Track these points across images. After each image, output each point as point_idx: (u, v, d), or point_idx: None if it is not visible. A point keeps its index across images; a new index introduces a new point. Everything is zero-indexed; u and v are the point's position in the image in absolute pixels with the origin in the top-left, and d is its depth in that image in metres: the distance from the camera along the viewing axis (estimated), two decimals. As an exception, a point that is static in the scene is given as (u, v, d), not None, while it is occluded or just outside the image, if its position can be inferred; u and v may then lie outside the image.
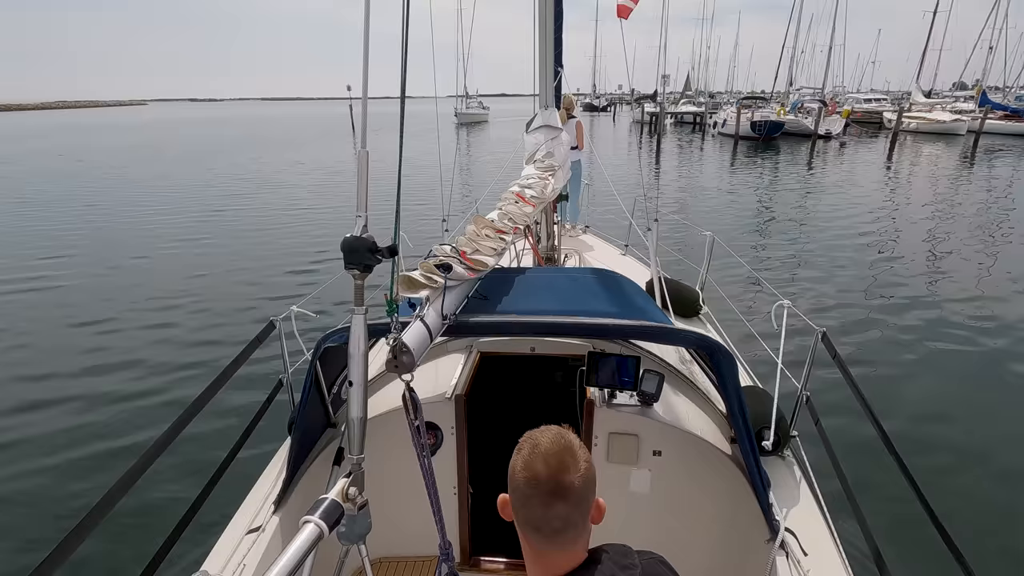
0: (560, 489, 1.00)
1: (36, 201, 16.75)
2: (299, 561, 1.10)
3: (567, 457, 1.02)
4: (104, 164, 26.70)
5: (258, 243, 11.55)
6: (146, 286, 8.94)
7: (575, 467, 1.01)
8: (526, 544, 1.07)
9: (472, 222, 2.45)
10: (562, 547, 1.03)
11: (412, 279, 1.82)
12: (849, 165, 23.30)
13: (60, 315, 7.82)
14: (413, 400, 1.57)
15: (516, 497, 1.05)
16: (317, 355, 2.08)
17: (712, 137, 37.67)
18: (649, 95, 55.39)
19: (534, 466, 1.02)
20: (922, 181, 19.25)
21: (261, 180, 20.47)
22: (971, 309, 7.48)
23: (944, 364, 6.06)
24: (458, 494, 2.60)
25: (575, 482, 1.00)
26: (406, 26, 1.45)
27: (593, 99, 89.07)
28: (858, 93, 63.13)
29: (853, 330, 6.86)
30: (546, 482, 1.00)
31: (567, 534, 1.02)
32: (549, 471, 1.00)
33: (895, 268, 9.32)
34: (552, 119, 3.82)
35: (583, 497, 1.02)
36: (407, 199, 14.99)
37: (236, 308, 7.98)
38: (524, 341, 2.75)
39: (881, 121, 41.49)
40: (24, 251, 11.07)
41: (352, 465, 1.37)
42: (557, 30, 3.76)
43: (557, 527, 1.01)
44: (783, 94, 46.36)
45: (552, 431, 1.05)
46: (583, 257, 5.08)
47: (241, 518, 2.13)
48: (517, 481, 1.04)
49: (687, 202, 15.35)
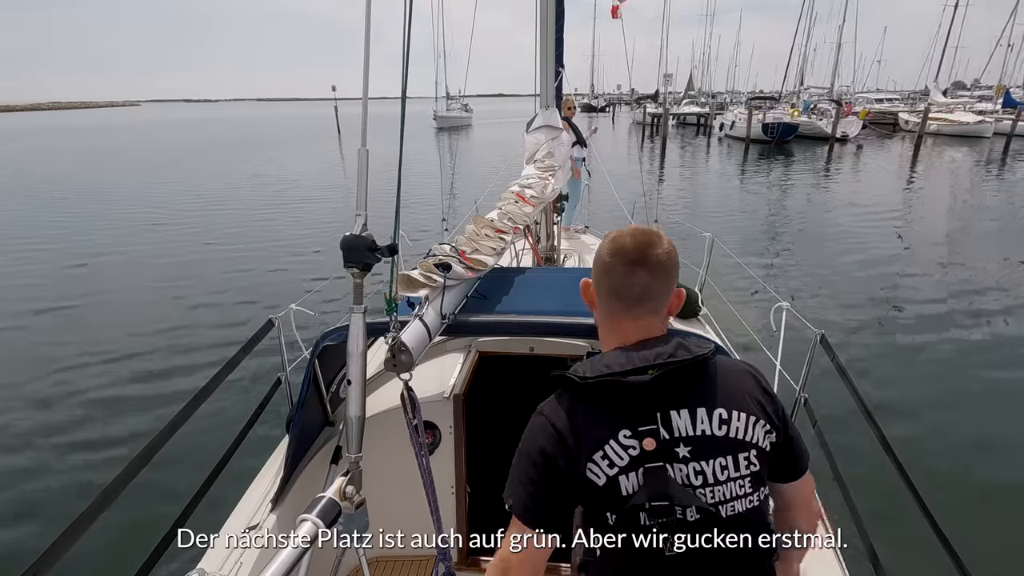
0: (644, 258, 1.06)
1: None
2: (296, 559, 1.10)
3: (653, 236, 1.09)
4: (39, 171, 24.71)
5: (254, 244, 11.54)
6: (139, 287, 8.93)
7: (660, 245, 1.08)
8: (604, 314, 1.13)
9: (472, 222, 2.45)
10: (639, 316, 1.08)
11: (411, 278, 1.82)
12: (870, 171, 21.87)
13: (59, 316, 7.81)
14: (411, 399, 1.57)
15: (599, 270, 1.11)
16: (316, 353, 2.07)
17: (719, 140, 35.62)
18: (650, 95, 53.47)
19: (621, 240, 1.09)
20: (950, 188, 17.71)
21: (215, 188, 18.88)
22: (971, 311, 7.49)
23: (942, 368, 6.05)
24: (456, 493, 2.60)
25: (660, 255, 1.07)
26: (408, 27, 1.45)
27: (591, 99, 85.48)
28: (868, 93, 60.20)
29: (853, 335, 6.87)
30: (631, 251, 1.07)
31: (645, 304, 1.08)
32: (635, 243, 1.07)
33: (917, 282, 8.73)
34: (553, 119, 3.82)
35: (666, 272, 1.08)
36: (407, 198, 14.96)
37: (236, 306, 7.98)
38: (523, 341, 2.75)
39: (895, 122, 38.87)
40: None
41: (350, 464, 1.37)
42: (559, 30, 3.76)
43: (637, 293, 1.07)
44: (791, 94, 43.58)
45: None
46: (582, 257, 5.08)
47: (238, 516, 2.13)
48: (602, 256, 1.10)
49: (695, 210, 14.41)
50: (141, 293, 8.57)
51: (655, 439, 0.97)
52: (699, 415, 1.00)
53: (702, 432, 1.00)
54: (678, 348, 1.03)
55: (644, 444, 0.97)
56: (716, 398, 1.02)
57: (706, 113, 44.32)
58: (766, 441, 1.04)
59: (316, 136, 42.70)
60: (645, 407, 0.98)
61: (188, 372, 5.98)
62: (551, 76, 3.84)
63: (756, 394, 1.07)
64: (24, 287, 8.90)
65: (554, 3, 3.63)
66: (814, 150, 27.92)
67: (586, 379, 1.00)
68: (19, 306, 8.09)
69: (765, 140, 29.72)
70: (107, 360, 6.36)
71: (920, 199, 16.27)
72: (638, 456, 0.97)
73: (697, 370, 1.03)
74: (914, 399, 5.41)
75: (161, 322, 7.37)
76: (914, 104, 46.51)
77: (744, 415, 1.02)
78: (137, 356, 6.43)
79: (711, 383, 1.03)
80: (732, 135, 34.62)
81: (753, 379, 1.10)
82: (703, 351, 1.03)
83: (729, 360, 1.10)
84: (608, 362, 1.03)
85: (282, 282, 8.89)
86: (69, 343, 6.79)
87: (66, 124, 77.16)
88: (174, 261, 10.17)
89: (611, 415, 0.99)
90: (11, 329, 7.31)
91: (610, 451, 0.98)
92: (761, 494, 1.05)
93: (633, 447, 0.98)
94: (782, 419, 1.09)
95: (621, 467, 0.98)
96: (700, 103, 53.01)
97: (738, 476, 1.01)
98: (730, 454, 1.00)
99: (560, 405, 1.05)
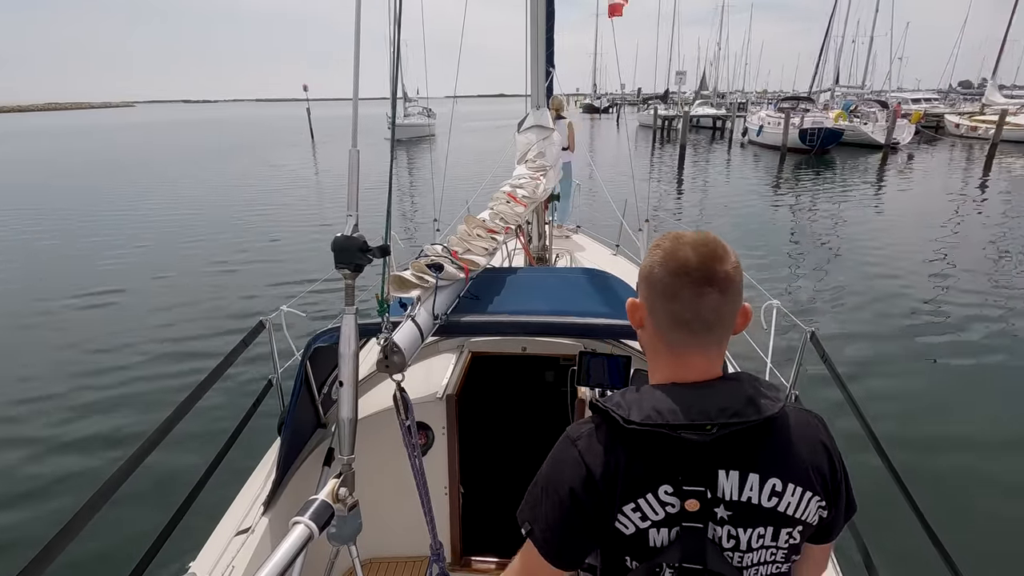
0: (713, 276, 0.88)
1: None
2: (289, 562, 1.10)
3: (718, 248, 0.91)
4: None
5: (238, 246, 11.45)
6: (130, 288, 8.85)
7: (727, 258, 0.91)
8: (661, 344, 0.95)
9: (463, 222, 2.45)
10: (706, 347, 0.92)
11: (403, 279, 1.82)
12: (932, 186, 17.45)
13: (47, 319, 7.72)
14: (404, 400, 1.57)
15: (657, 292, 0.92)
16: (307, 355, 2.07)
17: (741, 148, 29.84)
18: (659, 95, 49.01)
19: (681, 254, 0.90)
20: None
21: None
22: (971, 313, 7.55)
23: (933, 364, 6.12)
24: (449, 494, 2.60)
25: (729, 270, 0.90)
26: (397, 28, 1.44)
27: (593, 100, 79.91)
28: (904, 92, 53.23)
29: (842, 332, 6.91)
30: (697, 269, 0.88)
31: (715, 332, 0.92)
32: (701, 258, 0.89)
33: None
34: (544, 119, 3.82)
35: (737, 291, 0.91)
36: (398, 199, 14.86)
37: (225, 308, 7.92)
38: (515, 341, 2.75)
39: (938, 125, 33.89)
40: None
41: (342, 466, 1.36)
42: (549, 30, 3.76)
43: (709, 320, 0.90)
44: (815, 94, 37.04)
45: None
46: (574, 257, 5.08)
47: (230, 519, 2.11)
48: (657, 276, 0.92)
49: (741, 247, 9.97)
50: (127, 296, 8.50)
51: (699, 500, 0.87)
52: (750, 482, 0.89)
53: (748, 499, 0.89)
54: (747, 404, 0.88)
55: (687, 505, 0.87)
56: (773, 466, 0.90)
57: (724, 116, 38.91)
58: (816, 517, 0.93)
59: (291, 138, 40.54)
60: (696, 467, 0.88)
61: (177, 375, 5.93)
62: (542, 76, 3.84)
63: (820, 461, 0.93)
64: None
65: (544, 2, 3.64)
66: (858, 160, 23.61)
67: (631, 423, 0.87)
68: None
69: (803, 149, 24.90)
70: (94, 364, 6.30)
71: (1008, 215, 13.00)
72: (676, 514, 0.88)
73: (762, 431, 0.89)
74: (905, 395, 5.45)
75: (149, 326, 7.31)
76: (954, 104, 41.93)
77: (800, 490, 0.90)
78: (125, 360, 6.37)
79: (772, 447, 0.91)
80: (758, 142, 29.28)
81: (822, 444, 0.95)
82: (773, 408, 0.88)
83: (798, 413, 0.96)
84: (659, 407, 0.88)
85: (273, 284, 8.84)
86: (57, 346, 6.72)
87: (51, 126, 75.74)
88: (160, 265, 10.09)
89: (654, 467, 0.88)
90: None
91: (645, 505, 0.88)
92: (791, 563, 0.97)
93: (672, 505, 0.88)
94: (837, 486, 0.96)
95: (655, 521, 0.89)
96: (715, 104, 47.60)
97: (774, 546, 0.92)
98: (772, 526, 0.91)
99: (597, 441, 0.91)
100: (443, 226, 4.93)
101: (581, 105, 75.42)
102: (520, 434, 3.13)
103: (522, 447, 3.04)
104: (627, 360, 2.35)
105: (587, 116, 64.64)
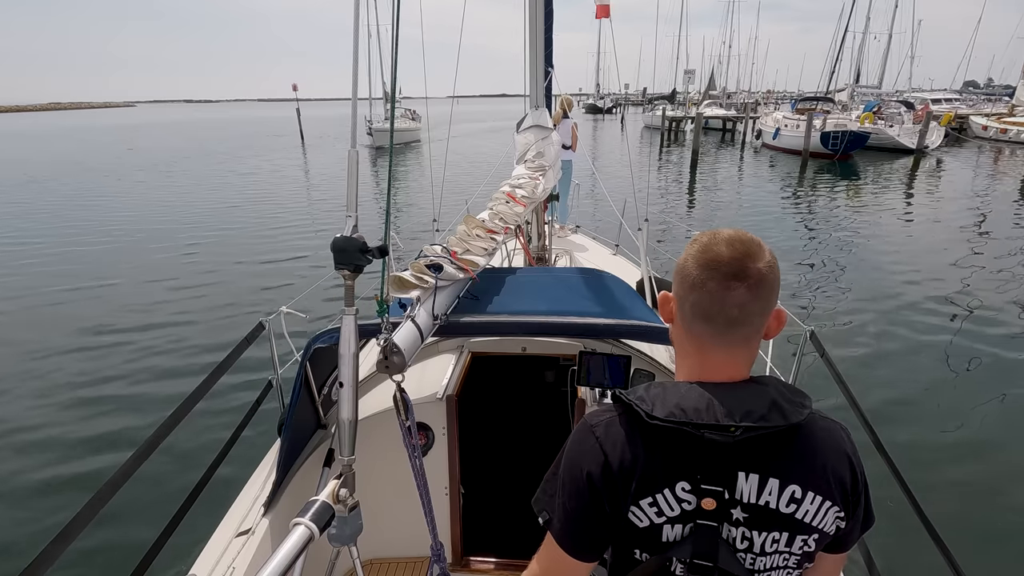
0: (743, 272, 0.87)
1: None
2: (289, 563, 1.10)
3: (754, 245, 0.90)
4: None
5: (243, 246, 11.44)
6: (128, 290, 8.85)
7: (761, 255, 0.89)
8: (686, 337, 0.96)
9: (463, 222, 2.45)
10: (731, 345, 0.92)
11: (403, 279, 1.82)
12: (982, 196, 15.53)
13: (47, 319, 7.72)
14: (404, 400, 1.57)
15: (686, 284, 0.92)
16: (307, 356, 2.07)
17: (754, 151, 27.87)
18: (666, 95, 47.50)
19: (715, 249, 0.90)
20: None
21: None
22: (969, 313, 7.55)
23: (933, 363, 6.12)
24: (449, 494, 2.60)
25: (761, 268, 0.88)
26: (396, 28, 1.44)
27: (596, 100, 78.39)
28: (923, 92, 48.99)
29: (841, 330, 6.90)
30: (728, 263, 0.88)
31: (741, 329, 0.90)
32: (733, 253, 0.88)
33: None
34: (543, 119, 3.82)
35: (770, 290, 0.90)
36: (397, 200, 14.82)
37: (225, 308, 7.91)
38: (515, 341, 2.75)
39: (962, 127, 31.81)
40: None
41: (343, 466, 1.36)
42: (548, 30, 3.76)
43: (733, 316, 0.89)
44: (834, 92, 35.22)
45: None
46: (574, 257, 5.09)
47: (230, 521, 2.11)
48: (688, 269, 0.92)
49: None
50: (128, 295, 8.49)
51: (716, 500, 0.88)
52: (769, 486, 0.88)
53: (766, 504, 0.89)
54: (771, 409, 0.87)
55: (703, 503, 0.88)
56: (794, 472, 0.89)
57: (734, 117, 37.22)
58: (833, 527, 0.93)
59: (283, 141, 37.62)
60: (716, 467, 0.87)
61: (177, 376, 5.93)
62: (541, 76, 3.84)
63: (841, 471, 0.92)
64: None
65: (543, 2, 3.63)
66: (883, 165, 21.78)
67: (655, 419, 0.87)
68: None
69: (825, 154, 22.95)
70: (93, 365, 6.30)
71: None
72: (692, 512, 0.89)
73: (786, 437, 0.89)
74: (905, 394, 5.46)
75: (147, 327, 7.30)
76: (973, 105, 39.84)
77: (819, 499, 0.90)
78: (124, 361, 6.37)
79: (795, 453, 0.90)
80: (773, 145, 27.14)
81: (846, 455, 0.94)
82: (799, 416, 0.88)
83: (823, 422, 0.95)
84: (683, 403, 0.88)
85: (271, 285, 8.84)
86: (58, 347, 6.73)
87: (43, 126, 74.64)
88: (158, 265, 10.08)
89: (674, 464, 0.88)
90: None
91: (661, 500, 0.88)
92: (803, 570, 0.96)
93: (689, 502, 0.88)
94: (857, 498, 0.95)
95: (669, 517, 0.89)
96: (723, 104, 45.94)
97: (787, 552, 0.92)
98: (788, 532, 0.90)
99: (618, 430, 0.92)
100: (442, 226, 4.94)
101: (584, 105, 74.42)
102: (520, 434, 3.14)
103: (522, 447, 3.05)
104: (627, 360, 2.35)
105: (590, 117, 63.85)
